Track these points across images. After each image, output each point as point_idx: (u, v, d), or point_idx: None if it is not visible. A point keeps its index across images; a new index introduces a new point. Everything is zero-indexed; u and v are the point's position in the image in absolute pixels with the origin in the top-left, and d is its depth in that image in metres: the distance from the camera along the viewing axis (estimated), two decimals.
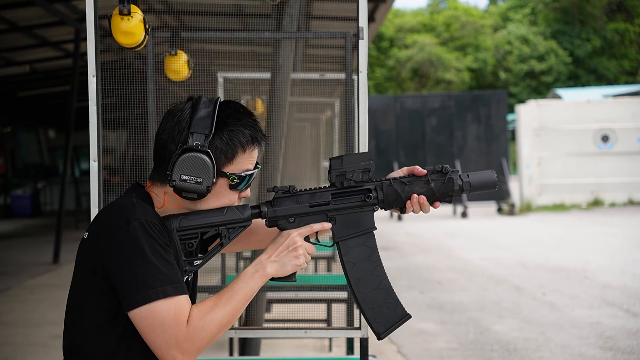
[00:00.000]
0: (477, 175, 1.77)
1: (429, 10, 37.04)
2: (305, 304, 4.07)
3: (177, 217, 1.62)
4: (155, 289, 1.49)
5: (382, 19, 8.23)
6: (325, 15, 6.75)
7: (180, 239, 1.61)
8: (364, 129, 2.49)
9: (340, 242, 1.73)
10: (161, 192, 1.66)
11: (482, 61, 33.01)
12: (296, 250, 1.64)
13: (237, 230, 1.66)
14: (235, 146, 1.62)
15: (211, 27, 3.24)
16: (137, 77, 2.82)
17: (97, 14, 2.42)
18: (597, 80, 31.54)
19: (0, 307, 7.15)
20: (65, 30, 9.51)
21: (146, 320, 1.49)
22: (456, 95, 18.88)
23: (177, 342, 1.49)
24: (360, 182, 1.72)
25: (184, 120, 1.61)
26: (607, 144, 16.59)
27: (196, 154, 1.57)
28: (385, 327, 1.74)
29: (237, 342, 4.60)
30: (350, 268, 1.73)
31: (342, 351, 5.40)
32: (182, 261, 1.61)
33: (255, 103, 5.35)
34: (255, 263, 1.63)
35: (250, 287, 1.59)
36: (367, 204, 1.73)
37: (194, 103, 1.63)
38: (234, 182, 1.63)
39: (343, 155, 1.73)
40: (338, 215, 1.72)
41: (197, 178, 1.57)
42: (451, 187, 1.74)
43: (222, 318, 1.54)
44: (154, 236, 1.53)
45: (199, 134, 1.58)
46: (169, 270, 1.51)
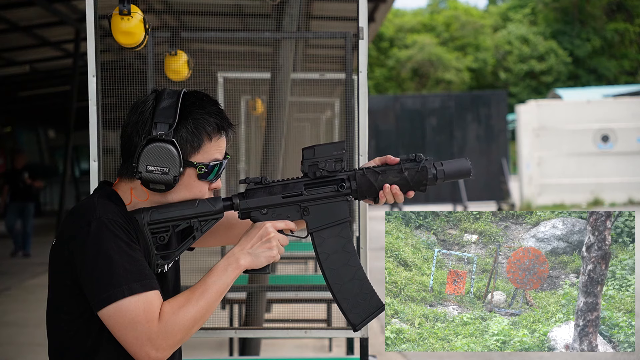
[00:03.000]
0: (451, 163, 1.74)
1: (429, 10, 37.04)
2: (305, 304, 4.08)
3: (147, 210, 1.59)
4: (121, 287, 1.47)
5: (382, 19, 8.23)
6: (325, 15, 6.75)
7: (152, 232, 1.59)
8: (364, 129, 2.49)
9: (314, 233, 1.70)
10: (128, 188, 1.63)
11: (482, 61, 33.00)
12: (269, 242, 1.62)
13: (210, 223, 1.64)
14: (201, 135, 1.60)
15: (211, 27, 3.24)
16: (137, 77, 2.82)
17: (97, 14, 2.42)
18: (597, 80, 31.53)
19: (0, 307, 7.15)
20: (65, 30, 9.52)
21: (115, 319, 1.48)
22: (456, 95, 18.88)
23: (149, 339, 1.47)
24: (333, 172, 1.69)
25: (147, 111, 1.59)
26: (607, 144, 16.59)
27: (161, 143, 1.55)
28: (361, 318, 1.72)
29: (237, 342, 4.60)
30: (324, 259, 1.71)
31: (342, 351, 5.41)
32: (153, 255, 1.58)
33: (255, 103, 5.36)
34: (228, 256, 1.61)
35: (224, 280, 1.57)
36: (340, 194, 1.69)
37: (157, 94, 1.61)
38: (202, 172, 1.61)
39: (315, 145, 1.70)
40: (311, 206, 1.69)
41: (163, 168, 1.55)
42: (425, 176, 1.72)
43: (196, 313, 1.52)
44: (116, 233, 1.50)
45: (162, 124, 1.56)
46: (134, 266, 1.49)
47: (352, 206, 2.95)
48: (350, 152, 2.75)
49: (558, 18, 32.90)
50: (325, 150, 1.69)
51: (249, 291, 3.79)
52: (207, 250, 1.67)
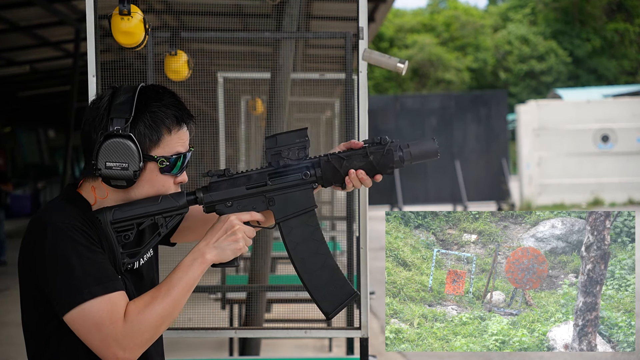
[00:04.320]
0: (417, 144, 1.71)
1: (429, 10, 37.03)
2: (305, 304, 4.08)
3: (110, 209, 1.57)
4: (82, 291, 1.46)
5: (382, 19, 8.23)
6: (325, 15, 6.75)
7: (116, 231, 1.57)
8: (364, 129, 2.49)
9: (281, 223, 1.68)
10: (89, 188, 1.61)
11: (482, 61, 33.00)
12: (235, 234, 1.60)
13: (174, 218, 1.62)
14: (160, 128, 1.57)
15: (211, 27, 3.24)
16: (137, 77, 2.82)
17: (97, 14, 2.42)
18: (597, 80, 31.53)
19: (0, 307, 7.15)
20: (65, 30, 9.52)
21: (79, 323, 1.47)
22: (456, 95, 18.87)
23: (115, 340, 1.46)
24: (297, 160, 1.67)
25: (103, 107, 1.57)
26: (607, 144, 16.59)
27: (118, 139, 1.53)
28: (333, 306, 1.72)
29: (237, 342, 4.60)
30: (293, 248, 1.69)
31: (342, 351, 5.41)
32: (118, 254, 1.56)
33: (255, 103, 5.36)
34: (193, 251, 1.59)
35: (190, 276, 1.55)
36: (305, 182, 1.67)
37: (114, 90, 1.59)
38: (163, 166, 1.58)
39: (277, 133, 1.67)
40: (277, 196, 1.67)
41: (122, 164, 1.53)
42: (391, 159, 1.69)
43: (162, 310, 1.50)
44: (73, 237, 1.49)
45: (118, 119, 1.54)
46: (94, 269, 1.48)
47: (352, 206, 2.95)
48: None
49: (558, 18, 32.90)
50: (288, 138, 1.66)
51: (249, 291, 3.80)
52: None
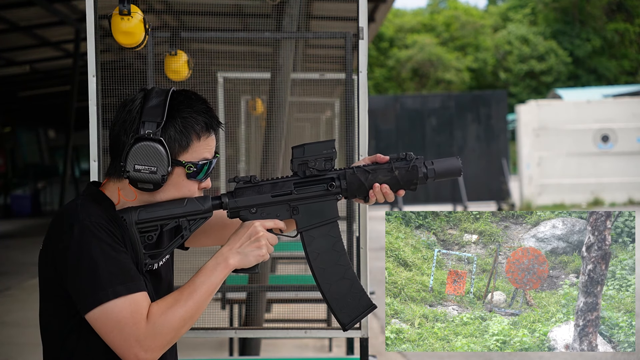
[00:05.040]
0: (442, 162, 1.73)
1: (429, 10, 37.03)
2: (305, 304, 4.07)
3: (135, 209, 1.58)
4: (105, 290, 1.46)
5: (382, 19, 8.23)
6: (325, 15, 6.75)
7: (140, 231, 1.57)
8: (364, 129, 2.49)
9: (303, 232, 1.69)
10: (115, 188, 1.62)
11: (482, 61, 33.00)
12: (258, 241, 1.60)
13: (198, 222, 1.63)
14: (190, 134, 1.59)
15: (211, 27, 3.24)
16: (137, 77, 2.82)
17: (97, 14, 2.42)
18: (597, 80, 31.53)
19: (0, 307, 7.15)
20: (65, 30, 9.52)
21: (102, 322, 1.47)
22: (456, 95, 18.88)
23: (137, 340, 1.47)
24: (323, 170, 1.68)
25: (135, 109, 1.57)
26: (607, 144, 16.59)
27: (148, 142, 1.53)
28: (350, 317, 1.71)
29: (237, 342, 4.60)
30: (314, 258, 1.70)
31: (342, 351, 5.41)
32: (141, 254, 1.57)
33: (255, 103, 5.36)
34: (216, 255, 1.60)
35: (213, 280, 1.56)
36: (330, 193, 1.69)
37: (145, 93, 1.60)
38: (190, 171, 1.59)
39: (305, 143, 1.69)
40: (301, 205, 1.68)
41: (151, 167, 1.53)
42: (415, 175, 1.71)
43: (184, 313, 1.51)
44: (99, 236, 1.49)
45: (150, 123, 1.54)
46: (118, 269, 1.49)
47: (352, 206, 2.95)
48: (350, 152, 2.75)
49: (558, 18, 32.89)
50: (315, 149, 1.68)
51: (249, 291, 3.79)
52: (203, 250, 1.66)
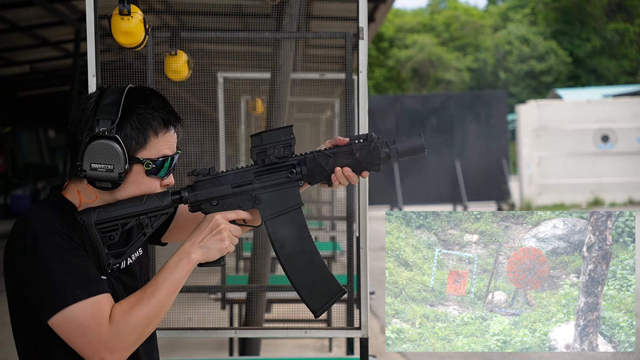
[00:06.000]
0: (404, 141, 1.71)
1: (429, 10, 37.03)
2: None
3: (94, 210, 1.55)
4: (65, 296, 1.45)
5: (382, 19, 8.23)
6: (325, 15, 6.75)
7: (101, 232, 1.55)
8: (364, 129, 2.49)
9: (267, 221, 1.67)
10: (75, 190, 1.60)
11: (482, 61, 33.00)
12: (220, 233, 1.59)
13: (160, 218, 1.61)
14: (146, 130, 1.56)
15: (211, 27, 3.24)
16: (137, 77, 2.82)
17: (97, 14, 2.42)
18: (597, 80, 31.53)
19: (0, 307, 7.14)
20: (65, 30, 9.51)
21: (64, 327, 1.46)
22: (456, 95, 18.87)
23: (101, 342, 1.46)
24: (282, 157, 1.66)
25: (90, 108, 1.55)
26: (607, 144, 16.59)
27: (103, 140, 1.52)
28: (320, 304, 1.70)
29: (237, 342, 4.60)
30: (280, 247, 1.68)
31: (342, 351, 5.41)
32: (103, 255, 1.55)
33: (255, 103, 5.36)
34: (179, 251, 1.58)
35: (175, 276, 1.54)
36: (291, 180, 1.67)
37: (102, 91, 1.58)
38: (149, 168, 1.57)
39: (262, 131, 1.66)
40: (262, 194, 1.66)
41: (107, 165, 1.52)
42: (377, 155, 1.69)
43: (148, 312, 1.50)
44: (53, 242, 1.48)
45: (105, 120, 1.52)
46: (76, 273, 1.47)
47: (352, 206, 2.95)
48: None
49: (558, 18, 32.90)
50: (273, 136, 1.65)
51: (249, 291, 3.79)
52: None
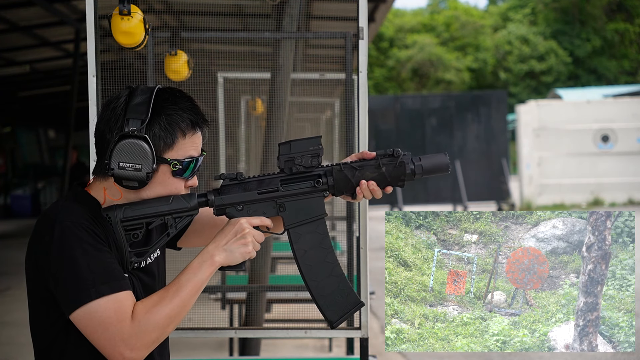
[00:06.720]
0: (429, 158, 1.72)
1: (429, 10, 37.02)
2: (305, 304, 4.07)
3: (120, 207, 1.57)
4: (88, 290, 1.46)
5: (382, 19, 8.23)
6: (325, 15, 6.75)
7: (125, 229, 1.56)
8: (364, 129, 2.49)
9: (290, 230, 1.68)
10: (101, 187, 1.61)
11: (482, 61, 32.99)
12: (244, 238, 1.60)
13: (184, 219, 1.62)
14: (175, 131, 1.58)
15: (211, 27, 3.24)
16: (137, 77, 2.82)
17: (97, 14, 2.42)
18: (597, 80, 31.53)
19: (0, 307, 7.15)
20: (65, 30, 9.51)
21: (86, 322, 1.47)
22: (456, 95, 18.88)
23: (122, 339, 1.46)
24: (310, 167, 1.67)
25: (120, 107, 1.57)
26: (607, 144, 16.59)
27: (133, 140, 1.53)
28: (338, 315, 1.70)
29: (237, 342, 4.60)
30: (301, 255, 1.69)
31: (342, 351, 5.41)
32: (127, 252, 1.56)
33: (255, 103, 5.36)
34: (202, 253, 1.59)
35: (199, 278, 1.55)
36: (316, 190, 1.68)
37: (131, 91, 1.59)
38: (176, 169, 1.59)
39: (291, 140, 1.67)
40: (287, 202, 1.67)
41: (135, 165, 1.53)
42: (403, 171, 1.70)
43: (170, 311, 1.51)
44: (80, 236, 1.49)
45: (135, 120, 1.54)
46: (101, 268, 1.49)
47: (352, 206, 2.95)
48: (350, 152, 2.75)
49: (558, 18, 32.89)
50: (302, 145, 1.66)
51: (249, 291, 3.79)
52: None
